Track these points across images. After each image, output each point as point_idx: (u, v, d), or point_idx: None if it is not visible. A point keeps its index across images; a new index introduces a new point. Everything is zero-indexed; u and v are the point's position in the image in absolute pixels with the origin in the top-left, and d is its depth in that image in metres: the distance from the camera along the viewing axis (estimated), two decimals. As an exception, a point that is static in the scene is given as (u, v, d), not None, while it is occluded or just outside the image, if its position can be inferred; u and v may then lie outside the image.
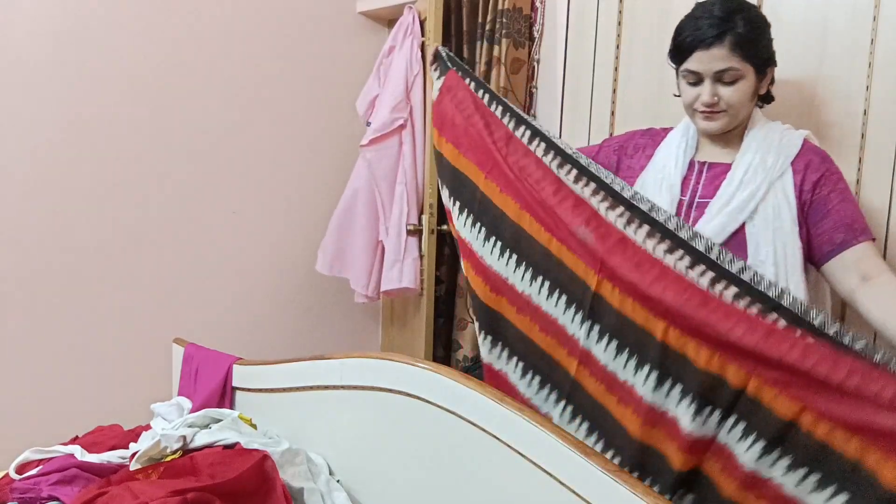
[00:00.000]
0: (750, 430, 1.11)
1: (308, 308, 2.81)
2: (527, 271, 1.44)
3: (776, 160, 1.34)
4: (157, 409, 1.68)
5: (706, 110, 1.36)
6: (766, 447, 1.09)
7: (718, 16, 1.31)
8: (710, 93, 1.34)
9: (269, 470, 1.34)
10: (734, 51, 1.30)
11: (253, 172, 2.60)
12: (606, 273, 1.27)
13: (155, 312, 2.38)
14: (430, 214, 2.44)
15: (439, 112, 1.67)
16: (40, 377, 2.18)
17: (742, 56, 1.31)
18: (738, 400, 1.11)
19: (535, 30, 2.42)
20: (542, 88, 2.44)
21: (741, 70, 1.32)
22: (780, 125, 1.42)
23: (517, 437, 1.14)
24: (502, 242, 1.48)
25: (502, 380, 1.53)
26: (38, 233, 2.14)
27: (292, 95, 2.66)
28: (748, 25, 1.31)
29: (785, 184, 1.33)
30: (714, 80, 1.33)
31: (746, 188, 1.34)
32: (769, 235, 1.31)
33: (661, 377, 1.19)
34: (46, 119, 2.11)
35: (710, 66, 1.32)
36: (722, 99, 1.34)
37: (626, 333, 1.25)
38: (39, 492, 1.39)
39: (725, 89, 1.34)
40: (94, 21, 2.17)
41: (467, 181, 1.57)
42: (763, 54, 1.35)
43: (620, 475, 1.00)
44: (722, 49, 1.30)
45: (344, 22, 2.78)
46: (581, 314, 1.33)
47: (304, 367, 1.57)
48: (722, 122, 1.37)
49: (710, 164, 1.43)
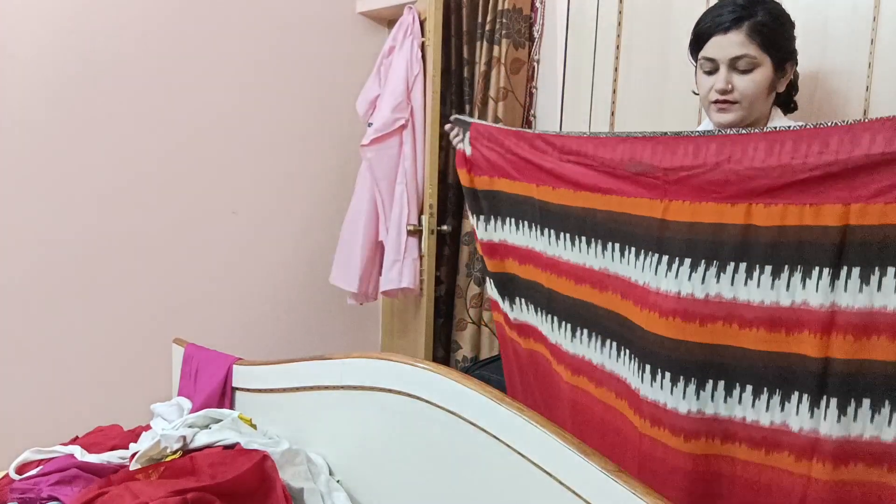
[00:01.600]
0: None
1: (308, 308, 2.81)
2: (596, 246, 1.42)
3: None
4: (157, 409, 1.68)
5: (719, 98, 1.34)
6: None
7: (741, 4, 1.31)
8: (724, 80, 1.32)
9: (269, 470, 1.34)
10: (751, 37, 1.29)
11: (253, 173, 2.60)
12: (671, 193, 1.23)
13: (155, 312, 2.38)
14: (430, 215, 2.44)
15: (480, 157, 1.69)
16: (40, 377, 2.18)
17: (759, 44, 1.29)
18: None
19: (535, 30, 2.42)
20: (542, 88, 2.44)
21: (757, 59, 1.30)
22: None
23: (517, 437, 1.14)
24: (569, 232, 1.46)
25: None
26: (37, 233, 2.14)
27: (292, 96, 2.66)
28: (769, 15, 1.30)
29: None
30: (729, 68, 1.32)
31: None
32: None
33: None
34: (46, 119, 2.12)
35: (725, 52, 1.31)
36: (736, 88, 1.32)
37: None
38: (39, 492, 1.38)
39: (740, 78, 1.32)
40: (93, 22, 2.17)
41: (526, 199, 1.58)
42: (782, 46, 1.33)
43: (620, 475, 1.00)
44: (739, 34, 1.29)
45: (344, 22, 2.78)
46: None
47: (304, 367, 1.57)
48: (735, 115, 1.35)
49: None
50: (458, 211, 2.57)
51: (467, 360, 2.49)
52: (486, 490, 1.21)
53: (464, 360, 2.50)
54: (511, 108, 2.42)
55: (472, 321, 2.49)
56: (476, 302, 2.48)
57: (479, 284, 2.47)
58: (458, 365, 2.50)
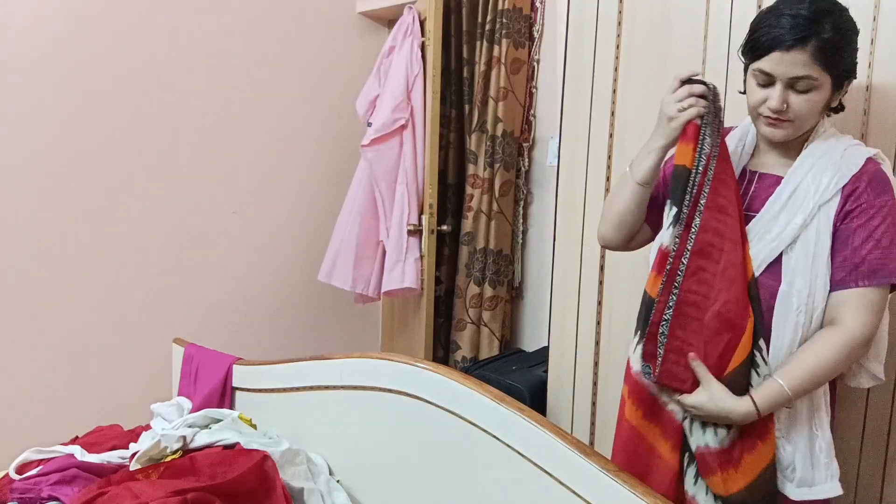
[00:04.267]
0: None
1: (308, 308, 2.81)
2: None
3: (830, 181, 1.22)
4: (157, 409, 1.68)
5: (772, 116, 1.22)
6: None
7: (806, 16, 1.15)
8: (780, 99, 1.20)
9: (269, 470, 1.34)
10: (816, 58, 1.16)
11: (253, 173, 2.60)
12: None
13: (155, 312, 2.39)
14: (430, 215, 2.44)
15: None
16: (40, 377, 2.18)
17: (823, 65, 1.17)
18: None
19: (535, 30, 2.43)
20: (542, 88, 2.45)
21: (818, 80, 1.18)
22: (847, 139, 1.29)
23: (517, 437, 1.14)
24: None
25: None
26: (38, 233, 2.14)
27: (292, 96, 2.66)
28: (836, 32, 1.16)
29: (830, 209, 1.22)
30: (786, 86, 1.20)
31: (793, 210, 1.24)
32: (808, 264, 1.21)
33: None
34: (46, 119, 2.12)
35: (785, 71, 1.18)
36: (791, 107, 1.21)
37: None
38: (39, 492, 1.39)
39: (797, 97, 1.20)
40: (93, 22, 2.17)
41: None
42: (845, 65, 1.22)
43: (620, 475, 1.00)
44: (803, 54, 1.16)
45: (344, 22, 2.78)
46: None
47: (304, 367, 1.57)
48: (786, 132, 1.24)
49: (761, 174, 1.32)
50: (457, 211, 2.57)
51: (466, 360, 2.49)
52: (486, 490, 1.21)
53: (463, 360, 2.50)
54: (511, 108, 2.42)
55: (472, 321, 2.49)
56: (476, 302, 2.48)
57: (478, 284, 2.47)
58: (457, 365, 2.50)
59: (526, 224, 2.54)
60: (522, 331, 2.59)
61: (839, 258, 1.21)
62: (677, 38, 1.81)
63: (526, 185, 2.51)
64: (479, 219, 2.46)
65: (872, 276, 1.19)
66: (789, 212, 1.24)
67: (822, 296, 1.21)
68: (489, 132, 2.42)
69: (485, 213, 2.46)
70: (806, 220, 1.22)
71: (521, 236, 2.54)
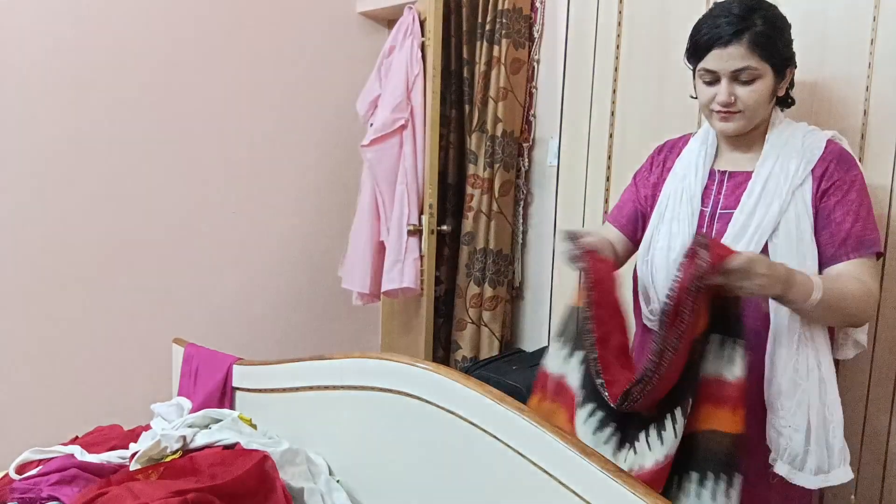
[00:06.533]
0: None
1: (308, 308, 2.81)
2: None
3: (798, 166, 1.31)
4: (157, 409, 1.68)
5: (722, 110, 1.34)
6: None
7: (737, 14, 1.28)
8: (726, 92, 1.31)
9: (270, 470, 1.34)
10: (752, 49, 1.27)
11: (253, 173, 2.60)
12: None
13: (155, 312, 2.39)
14: (429, 214, 2.44)
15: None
16: (40, 377, 2.18)
17: (760, 55, 1.28)
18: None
19: (535, 30, 2.43)
20: (542, 88, 2.45)
21: (759, 70, 1.29)
22: (804, 126, 1.38)
23: (517, 437, 1.14)
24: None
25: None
26: (38, 233, 2.14)
27: (292, 96, 2.66)
28: (767, 24, 1.28)
29: (805, 192, 1.30)
30: (731, 80, 1.31)
31: (767, 200, 1.31)
32: (793, 247, 1.28)
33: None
34: (46, 120, 2.12)
35: (726, 65, 1.29)
36: (739, 99, 1.31)
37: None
38: (39, 492, 1.38)
39: (742, 89, 1.31)
40: (94, 23, 2.17)
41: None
42: (782, 54, 1.32)
43: (620, 475, 1.00)
44: (739, 47, 1.27)
45: (344, 22, 2.78)
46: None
47: (304, 367, 1.57)
48: (738, 124, 1.34)
49: (730, 173, 1.40)
50: (457, 211, 2.57)
51: (467, 360, 2.49)
52: (486, 490, 1.21)
53: (463, 360, 2.50)
54: (511, 108, 2.42)
55: (472, 321, 2.49)
56: (476, 302, 2.48)
57: (478, 284, 2.47)
58: (457, 365, 2.50)
59: (526, 224, 2.54)
60: (522, 331, 2.59)
61: (825, 234, 1.29)
62: (677, 39, 1.82)
63: (526, 185, 2.51)
64: (479, 219, 2.46)
65: (860, 247, 1.27)
66: (765, 202, 1.32)
67: (813, 273, 1.27)
68: (489, 132, 2.42)
69: (485, 213, 2.46)
70: (783, 206, 1.30)
71: (521, 236, 2.54)
